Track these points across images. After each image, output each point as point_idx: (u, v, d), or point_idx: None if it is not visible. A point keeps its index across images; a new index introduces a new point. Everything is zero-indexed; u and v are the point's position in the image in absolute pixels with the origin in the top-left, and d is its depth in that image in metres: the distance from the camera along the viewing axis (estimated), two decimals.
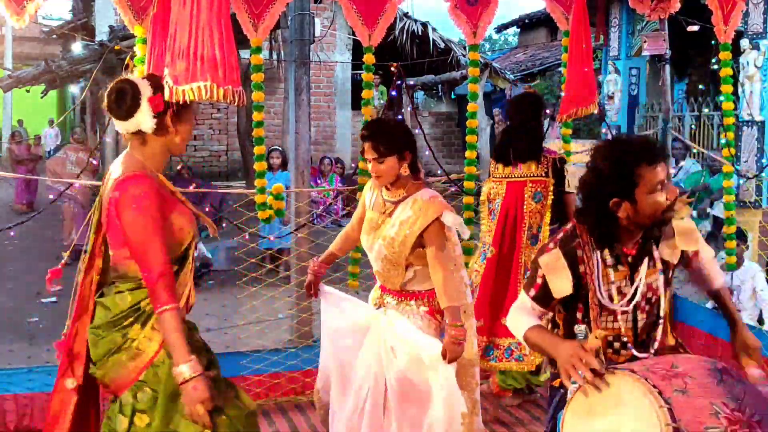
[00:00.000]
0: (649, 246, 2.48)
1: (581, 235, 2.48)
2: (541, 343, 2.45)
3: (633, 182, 2.34)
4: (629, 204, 2.36)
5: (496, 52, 27.34)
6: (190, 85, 2.96)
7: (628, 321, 2.49)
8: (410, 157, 3.19)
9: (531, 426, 4.52)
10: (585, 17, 4.45)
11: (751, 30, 9.36)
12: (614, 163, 2.36)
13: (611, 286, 2.46)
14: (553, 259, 2.48)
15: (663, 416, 2.13)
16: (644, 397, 2.18)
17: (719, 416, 2.15)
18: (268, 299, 5.73)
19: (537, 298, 2.54)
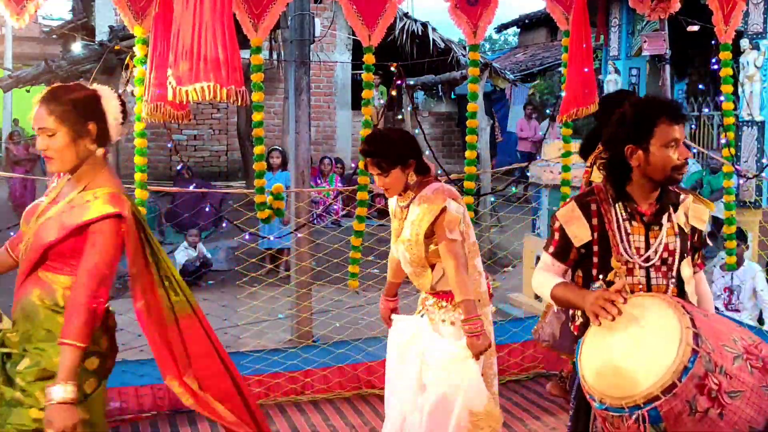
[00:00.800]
0: (665, 209, 2.57)
1: (599, 193, 2.61)
2: (569, 296, 2.57)
3: (650, 132, 2.47)
4: (642, 153, 2.48)
5: (496, 52, 27.33)
6: (194, 86, 2.97)
7: (642, 277, 2.55)
8: (414, 163, 3.16)
9: (531, 425, 4.52)
10: (585, 17, 4.44)
11: (751, 30, 9.35)
12: (637, 111, 2.51)
13: (628, 237, 2.55)
14: (568, 210, 2.62)
15: (685, 320, 2.18)
16: (667, 307, 2.26)
17: (737, 343, 2.23)
18: (268, 299, 5.73)
19: (556, 253, 2.66)
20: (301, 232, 5.46)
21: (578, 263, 2.67)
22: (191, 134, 14.67)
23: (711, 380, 2.11)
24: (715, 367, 2.13)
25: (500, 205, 9.44)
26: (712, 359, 2.13)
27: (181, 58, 3.00)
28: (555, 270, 2.69)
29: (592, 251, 2.59)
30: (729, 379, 2.13)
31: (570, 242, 2.61)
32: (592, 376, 2.30)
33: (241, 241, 7.94)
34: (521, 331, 5.32)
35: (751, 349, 2.22)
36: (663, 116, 2.47)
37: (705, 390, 2.11)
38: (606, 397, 2.23)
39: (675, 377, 2.11)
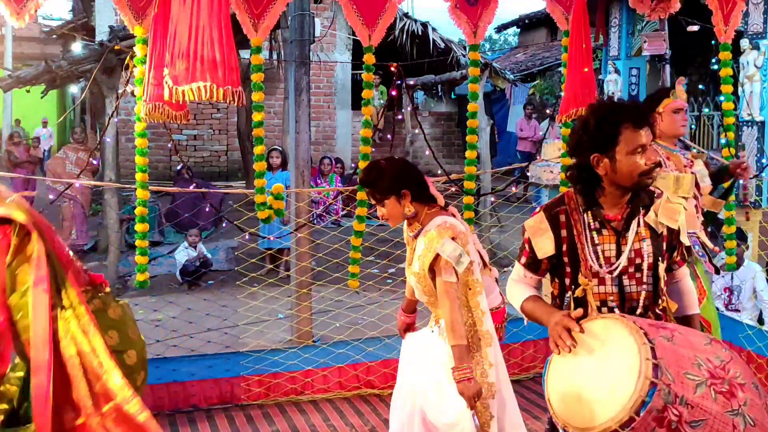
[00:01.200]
0: (635, 213, 2.51)
1: (569, 201, 2.57)
2: (535, 313, 2.58)
3: (615, 140, 2.42)
4: (609, 162, 2.44)
5: (496, 52, 27.33)
6: (190, 86, 2.97)
7: (614, 286, 2.51)
8: (410, 194, 3.12)
9: (531, 426, 4.52)
10: (585, 17, 4.44)
11: (751, 30, 9.36)
12: (600, 119, 2.46)
13: (596, 248, 2.51)
14: (537, 222, 2.60)
15: (645, 351, 2.16)
16: (629, 335, 2.22)
17: (701, 368, 2.20)
18: (268, 299, 5.73)
19: (527, 264, 2.65)
20: (301, 232, 5.45)
21: (553, 272, 2.64)
22: (191, 134, 14.67)
23: (671, 412, 2.10)
24: (674, 399, 2.11)
25: (500, 205, 9.44)
26: (672, 391, 2.11)
27: (178, 58, 3.00)
28: (527, 281, 2.67)
29: (562, 262, 2.56)
30: (690, 408, 2.11)
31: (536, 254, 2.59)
32: (557, 401, 2.32)
33: (241, 241, 7.94)
34: (521, 331, 5.32)
35: (717, 373, 2.19)
36: (627, 122, 2.41)
37: (665, 422, 2.10)
38: (569, 426, 2.25)
39: (632, 412, 2.10)
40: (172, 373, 4.67)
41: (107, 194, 8.72)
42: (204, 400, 4.75)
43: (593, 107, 2.54)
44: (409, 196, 3.12)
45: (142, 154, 4.22)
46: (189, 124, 13.43)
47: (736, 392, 2.18)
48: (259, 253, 8.49)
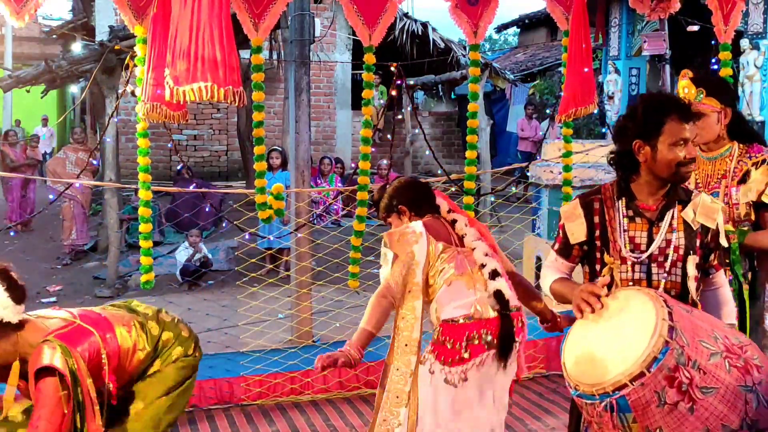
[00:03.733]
0: (670, 205, 2.56)
1: (605, 192, 2.64)
2: (562, 290, 2.63)
3: (659, 129, 2.47)
4: (650, 150, 2.49)
5: (496, 52, 27.33)
6: (191, 86, 2.97)
7: (642, 273, 2.54)
8: (407, 209, 3.24)
9: (531, 426, 4.52)
10: (585, 17, 4.44)
11: (751, 30, 9.36)
12: (648, 107, 2.52)
13: (625, 234, 2.55)
14: (571, 208, 2.67)
15: (662, 313, 2.19)
16: (648, 300, 2.26)
17: (718, 341, 2.21)
18: (268, 299, 5.73)
19: (560, 250, 2.71)
20: (301, 232, 5.45)
21: (584, 260, 2.69)
22: (191, 134, 14.67)
23: (682, 373, 2.11)
24: (687, 361, 2.12)
25: (500, 205, 9.43)
26: (685, 353, 2.13)
27: (179, 58, 2.99)
28: (559, 267, 2.72)
29: (594, 248, 2.61)
30: (702, 374, 2.12)
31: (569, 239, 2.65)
32: (571, 364, 2.34)
33: (241, 241, 7.94)
34: None
35: (734, 349, 2.20)
36: (673, 114, 2.47)
37: (675, 383, 2.11)
38: (580, 384, 2.26)
39: (644, 367, 2.11)
40: None
41: (107, 194, 8.72)
42: (204, 400, 4.75)
43: (643, 96, 2.61)
44: (407, 211, 3.24)
45: (144, 154, 4.21)
46: (189, 124, 13.49)
47: (752, 371, 2.18)
48: (259, 253, 8.49)
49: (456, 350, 2.95)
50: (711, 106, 3.31)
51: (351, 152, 14.79)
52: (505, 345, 3.00)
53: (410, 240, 3.05)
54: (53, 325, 2.62)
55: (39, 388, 2.49)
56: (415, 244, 3.05)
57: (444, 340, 2.98)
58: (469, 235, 3.16)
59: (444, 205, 3.26)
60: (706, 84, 3.35)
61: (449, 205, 3.27)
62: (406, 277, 3.04)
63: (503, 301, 3.02)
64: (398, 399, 3.04)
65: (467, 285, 3.04)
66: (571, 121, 4.65)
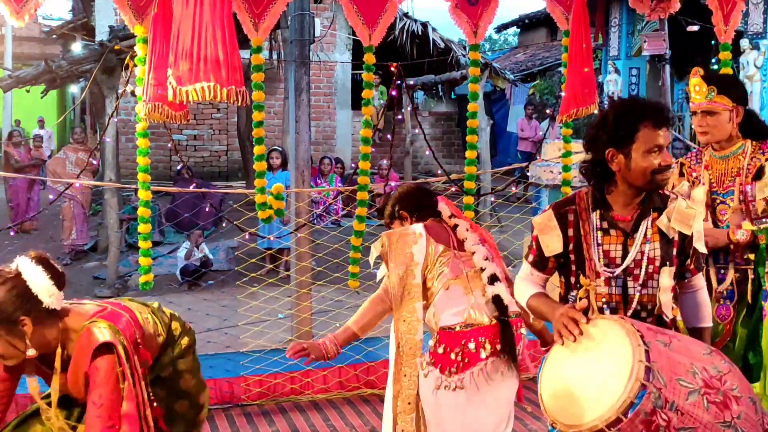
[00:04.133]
0: (645, 214, 2.48)
1: (579, 201, 2.55)
2: (541, 309, 2.55)
3: (632, 137, 2.39)
4: (623, 158, 2.41)
5: (496, 52, 27.33)
6: (194, 86, 2.97)
7: (617, 287, 2.49)
8: (408, 215, 3.24)
9: (531, 426, 4.52)
10: (585, 17, 4.44)
11: (751, 30, 9.36)
12: (620, 114, 2.43)
13: (599, 248, 2.49)
14: (545, 219, 2.58)
15: (639, 353, 2.14)
16: (625, 336, 2.21)
17: (696, 376, 2.17)
18: (268, 299, 5.73)
19: (534, 263, 2.64)
20: (301, 232, 5.45)
21: (560, 270, 2.63)
22: (191, 134, 14.67)
23: (659, 416, 2.08)
24: (665, 403, 2.09)
25: (500, 205, 9.44)
26: (663, 395, 2.10)
27: (181, 58, 3.00)
28: (534, 279, 2.65)
29: (569, 260, 2.55)
30: (680, 415, 2.09)
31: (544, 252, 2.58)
32: (548, 397, 2.31)
33: (241, 241, 7.95)
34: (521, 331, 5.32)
35: (712, 383, 2.16)
36: (647, 120, 2.39)
37: (652, 426, 2.08)
38: (557, 422, 2.24)
39: (620, 412, 2.08)
40: None
41: (107, 194, 8.72)
42: None
43: (614, 103, 2.55)
44: (409, 217, 3.24)
45: (144, 154, 4.21)
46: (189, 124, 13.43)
47: (731, 404, 2.15)
48: (259, 253, 8.49)
49: (454, 359, 2.92)
50: (722, 104, 3.27)
51: (351, 152, 14.79)
52: (510, 351, 2.98)
53: (409, 241, 3.04)
54: (91, 309, 2.62)
55: (97, 368, 2.48)
56: (414, 245, 3.03)
57: (442, 349, 2.96)
58: (470, 240, 3.12)
59: (446, 210, 3.24)
60: (717, 82, 3.30)
61: (452, 211, 3.25)
62: (404, 278, 3.01)
63: (502, 307, 2.97)
64: (410, 405, 3.03)
65: (464, 290, 3.01)
66: (571, 121, 4.66)
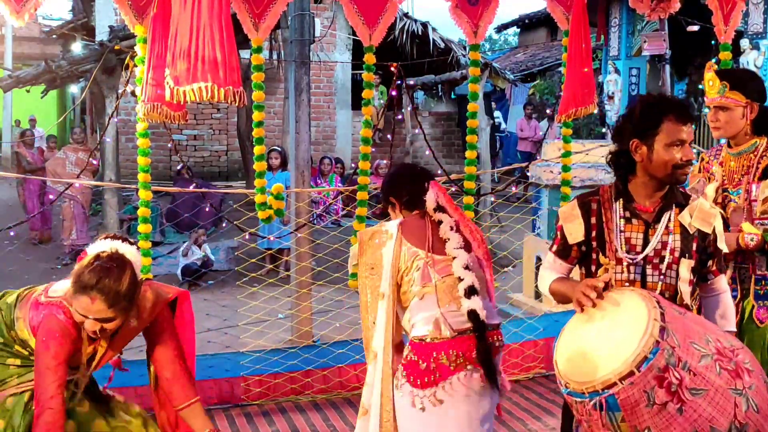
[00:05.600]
0: (667, 207, 2.56)
1: (603, 193, 2.64)
2: (562, 289, 2.61)
3: (656, 129, 2.47)
4: (646, 150, 2.49)
5: (496, 52, 27.33)
6: (191, 86, 2.97)
7: (636, 275, 2.54)
8: (398, 203, 3.07)
9: (531, 426, 4.52)
10: (585, 17, 4.44)
11: (751, 30, 9.36)
12: (646, 107, 2.51)
13: (621, 235, 2.56)
14: (569, 209, 2.67)
15: (654, 313, 2.19)
16: (642, 301, 2.26)
17: (709, 344, 2.21)
18: (268, 299, 5.73)
19: (558, 251, 2.71)
20: (301, 232, 5.46)
21: (581, 261, 2.69)
22: (191, 134, 14.67)
23: (672, 374, 2.11)
24: (678, 362, 2.13)
25: (500, 205, 9.43)
26: (676, 353, 2.13)
27: (179, 58, 3.00)
28: (557, 268, 2.72)
29: (591, 249, 2.61)
30: (692, 375, 2.13)
31: (567, 240, 2.65)
32: (563, 362, 2.34)
33: (241, 241, 7.94)
34: (521, 331, 5.32)
35: (725, 352, 2.20)
36: (671, 114, 2.47)
37: (664, 383, 2.11)
38: (570, 382, 2.26)
39: (633, 366, 2.12)
40: None
41: (107, 194, 8.73)
42: (204, 400, 4.68)
43: (642, 97, 2.61)
44: (398, 205, 3.08)
45: (144, 154, 4.21)
46: (189, 124, 13.48)
47: (743, 375, 2.19)
48: (259, 253, 8.49)
49: (425, 370, 2.77)
50: (735, 100, 3.24)
51: (351, 152, 14.79)
52: (486, 366, 2.78)
53: (380, 241, 2.91)
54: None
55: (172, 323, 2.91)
56: (383, 246, 2.89)
57: (414, 360, 2.81)
58: (452, 242, 2.89)
59: (431, 202, 2.98)
60: (730, 77, 3.29)
61: (442, 202, 3.00)
62: (372, 281, 2.90)
63: (477, 322, 2.78)
64: (361, 410, 2.95)
65: (438, 299, 2.82)
66: (570, 121, 4.65)
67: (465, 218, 3.08)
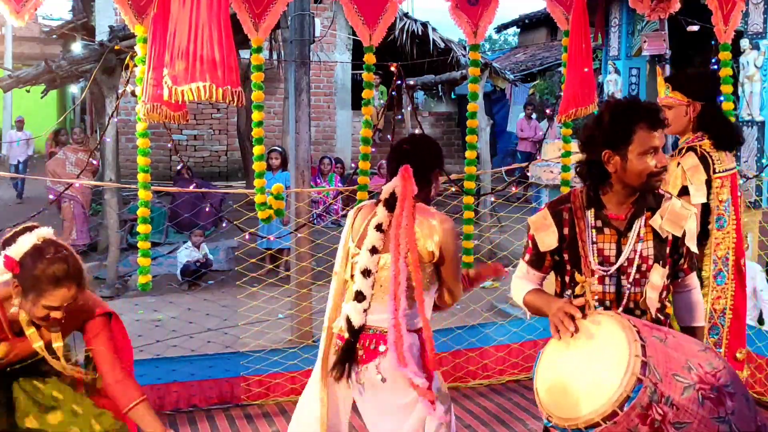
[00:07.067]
0: (639, 213, 2.52)
1: (574, 200, 2.58)
2: (537, 303, 2.57)
3: (628, 139, 2.42)
4: (620, 160, 2.44)
5: (496, 52, 27.33)
6: (189, 86, 2.97)
7: (612, 285, 2.51)
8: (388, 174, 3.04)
9: (532, 426, 4.52)
10: (585, 17, 4.44)
11: (751, 30, 9.36)
12: (616, 116, 2.46)
13: (593, 247, 2.52)
14: (540, 218, 2.61)
15: (635, 348, 2.16)
16: (621, 331, 2.23)
17: (691, 372, 2.19)
18: (268, 299, 5.73)
19: (531, 261, 2.67)
20: (301, 232, 5.46)
21: (555, 269, 2.65)
22: (191, 134, 14.68)
23: (655, 410, 2.10)
24: (660, 398, 2.11)
25: (500, 205, 9.43)
26: (658, 390, 2.12)
27: (178, 58, 3.00)
28: (530, 278, 2.68)
29: (564, 258, 2.57)
30: (675, 410, 2.11)
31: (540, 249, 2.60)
32: (544, 391, 2.33)
33: (241, 241, 7.94)
34: (521, 331, 5.32)
35: (707, 378, 2.18)
36: (642, 122, 2.41)
37: (648, 420, 2.10)
38: (552, 416, 2.26)
39: (616, 406, 2.10)
40: (172, 373, 4.67)
41: (107, 194, 8.71)
42: (204, 400, 4.75)
43: (609, 104, 2.54)
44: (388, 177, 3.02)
45: (144, 154, 4.21)
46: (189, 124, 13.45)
47: (725, 400, 2.17)
48: (259, 253, 8.49)
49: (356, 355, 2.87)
50: (677, 100, 3.57)
51: (351, 152, 14.79)
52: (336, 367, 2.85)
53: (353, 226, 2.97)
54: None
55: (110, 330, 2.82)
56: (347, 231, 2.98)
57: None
58: (367, 240, 2.82)
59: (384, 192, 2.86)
60: (673, 80, 3.61)
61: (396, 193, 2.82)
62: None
63: (351, 327, 2.82)
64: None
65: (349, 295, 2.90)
66: (570, 121, 4.65)
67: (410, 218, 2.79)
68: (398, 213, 2.78)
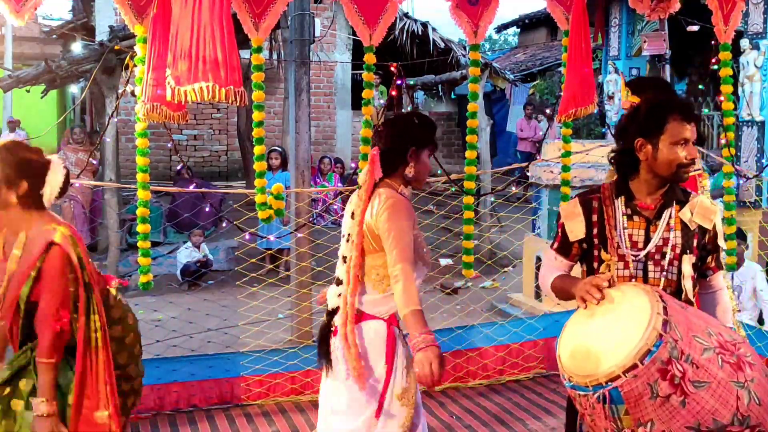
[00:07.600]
0: (668, 204, 2.59)
1: (603, 191, 2.66)
2: (564, 286, 2.63)
3: (661, 128, 2.51)
4: (651, 148, 2.52)
5: (496, 52, 27.33)
6: (192, 86, 2.97)
7: (638, 271, 2.57)
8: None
9: (531, 426, 4.52)
10: (585, 17, 4.44)
11: (751, 30, 9.36)
12: (651, 106, 2.56)
13: (623, 232, 2.58)
14: (570, 206, 2.70)
15: (657, 307, 2.21)
16: (644, 295, 2.29)
17: (711, 337, 2.24)
18: (268, 299, 5.73)
19: (559, 249, 2.73)
20: (301, 232, 5.46)
21: (582, 258, 2.71)
22: (191, 134, 14.67)
23: (675, 367, 2.13)
24: (680, 355, 2.15)
25: (500, 205, 9.44)
26: (678, 347, 2.15)
27: (180, 58, 3.00)
28: (558, 266, 2.74)
29: (592, 246, 2.63)
30: (695, 368, 2.15)
31: (568, 237, 2.67)
32: (566, 357, 2.35)
33: (241, 241, 7.94)
34: (521, 331, 5.33)
35: (727, 345, 2.22)
36: (676, 114, 2.51)
37: (668, 376, 2.13)
38: (573, 376, 2.28)
39: (637, 359, 2.13)
40: (172, 373, 4.67)
41: (107, 194, 8.71)
42: (204, 400, 4.75)
43: (647, 96, 2.66)
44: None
45: (143, 154, 4.21)
46: (189, 124, 13.47)
47: (744, 368, 2.20)
48: (259, 253, 8.49)
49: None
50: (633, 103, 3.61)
51: (351, 152, 14.79)
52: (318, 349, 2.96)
53: None
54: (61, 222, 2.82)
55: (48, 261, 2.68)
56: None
57: None
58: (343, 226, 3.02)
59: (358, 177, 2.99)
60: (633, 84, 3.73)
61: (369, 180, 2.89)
62: None
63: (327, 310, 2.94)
64: None
65: None
66: (570, 121, 4.65)
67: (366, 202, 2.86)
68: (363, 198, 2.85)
